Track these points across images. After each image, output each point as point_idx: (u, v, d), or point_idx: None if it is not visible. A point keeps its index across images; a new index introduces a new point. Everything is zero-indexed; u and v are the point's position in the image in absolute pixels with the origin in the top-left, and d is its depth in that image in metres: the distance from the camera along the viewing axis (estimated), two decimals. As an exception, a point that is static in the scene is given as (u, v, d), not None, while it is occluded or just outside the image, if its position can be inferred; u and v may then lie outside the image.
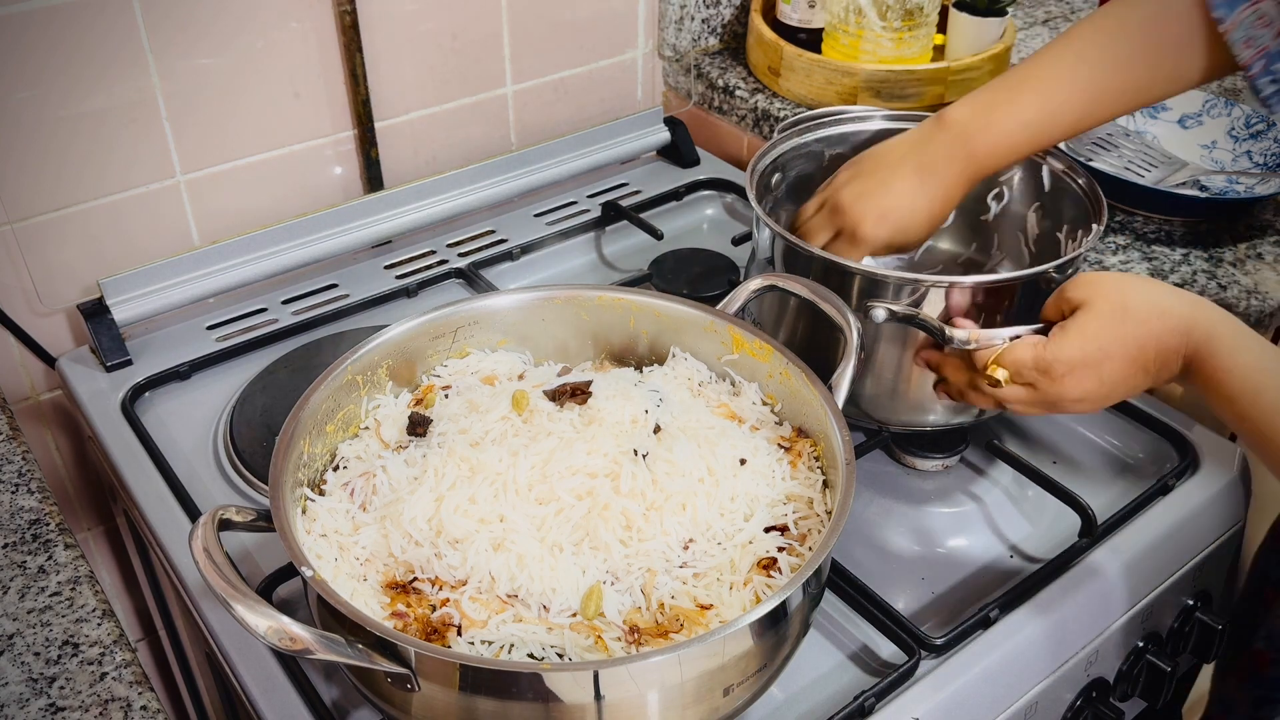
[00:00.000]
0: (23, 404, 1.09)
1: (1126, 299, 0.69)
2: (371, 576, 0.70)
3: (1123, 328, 0.68)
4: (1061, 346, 0.70)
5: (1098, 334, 0.69)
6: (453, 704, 0.63)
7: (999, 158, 0.86)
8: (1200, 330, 0.67)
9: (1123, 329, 0.68)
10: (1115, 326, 0.68)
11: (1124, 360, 0.68)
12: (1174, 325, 0.67)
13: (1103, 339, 0.68)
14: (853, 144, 1.00)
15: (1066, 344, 0.69)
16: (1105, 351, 0.68)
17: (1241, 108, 1.19)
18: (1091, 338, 0.69)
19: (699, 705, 0.65)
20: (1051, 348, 0.70)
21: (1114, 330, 0.68)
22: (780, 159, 0.98)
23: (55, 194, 1.02)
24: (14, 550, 0.80)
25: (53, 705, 0.69)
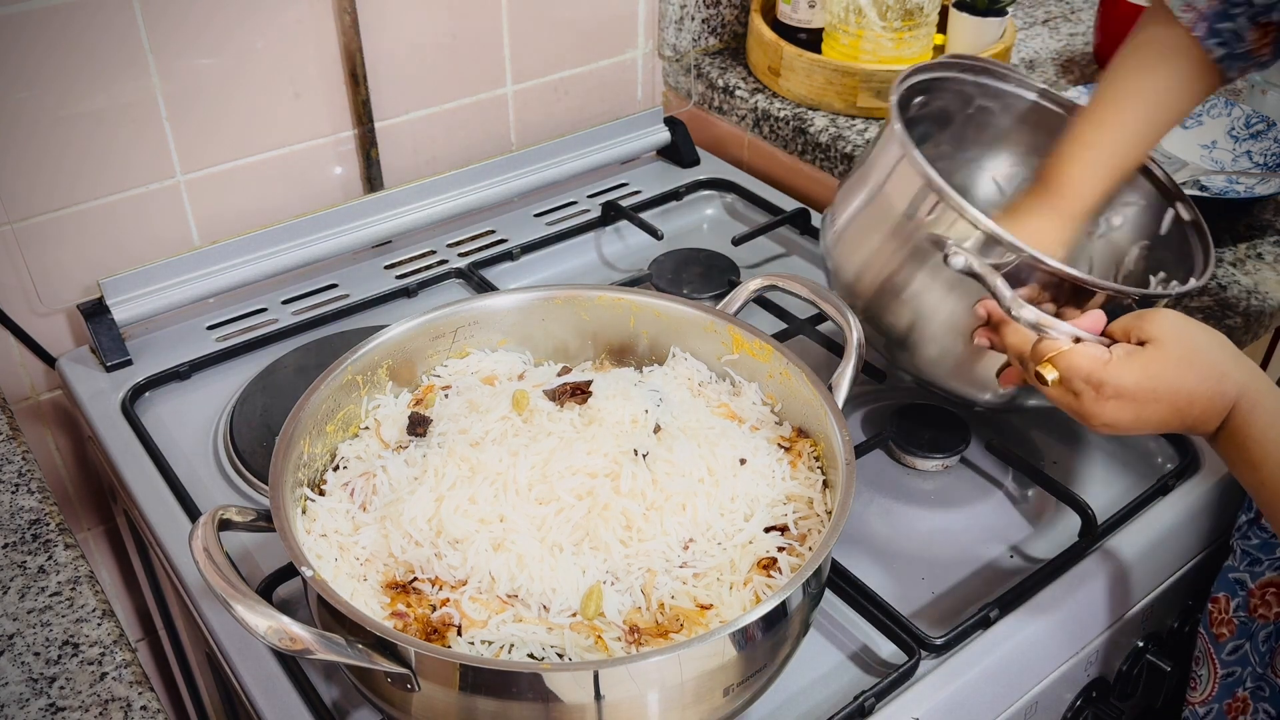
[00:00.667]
0: (23, 404, 1.09)
1: (1196, 350, 0.69)
2: (371, 576, 0.70)
3: (1182, 378, 0.69)
4: (1122, 373, 0.69)
5: (1159, 375, 0.69)
6: (453, 704, 0.63)
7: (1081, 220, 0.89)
8: (1248, 399, 0.68)
9: (1181, 379, 0.69)
10: (1176, 373, 0.69)
11: (1170, 407, 0.69)
12: (1228, 390, 0.68)
13: (1160, 381, 0.69)
14: (1008, 106, 0.98)
15: (1127, 372, 0.69)
16: (1157, 394, 0.69)
17: (1241, 108, 1.19)
18: (1152, 376, 0.69)
19: (699, 705, 0.65)
20: (1111, 370, 0.69)
21: (1173, 377, 0.69)
22: (929, 83, 0.94)
23: (55, 194, 1.02)
24: (14, 550, 0.80)
25: (53, 705, 0.69)
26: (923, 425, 0.93)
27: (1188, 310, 0.98)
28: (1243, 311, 0.99)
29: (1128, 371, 0.69)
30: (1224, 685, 0.84)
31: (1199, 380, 0.68)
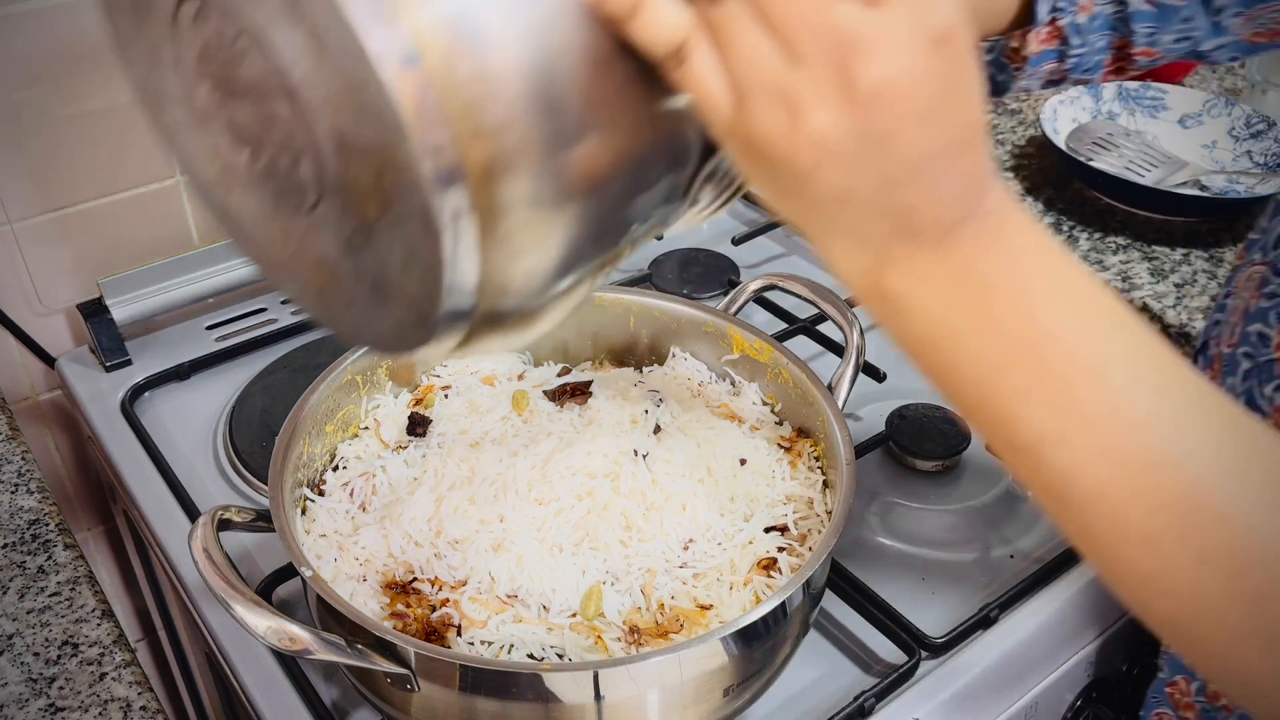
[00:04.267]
0: (22, 404, 1.09)
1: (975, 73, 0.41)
2: (371, 577, 0.70)
3: (974, 99, 0.40)
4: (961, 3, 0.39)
5: (961, 70, 0.39)
6: (452, 704, 0.63)
7: None
8: (1009, 201, 0.43)
9: (974, 99, 0.40)
10: (973, 89, 0.40)
11: (950, 141, 0.39)
12: (985, 169, 0.42)
13: (959, 83, 0.39)
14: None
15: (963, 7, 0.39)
16: (946, 103, 0.38)
17: (1242, 108, 1.19)
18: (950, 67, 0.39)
19: (699, 705, 0.65)
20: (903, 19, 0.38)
21: (971, 90, 0.40)
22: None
23: (55, 194, 1.01)
24: (13, 550, 0.80)
25: (52, 705, 0.69)
26: (923, 425, 0.93)
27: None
28: (1243, 311, 0.99)
29: (961, 10, 0.38)
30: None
31: (981, 116, 0.40)
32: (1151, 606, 0.42)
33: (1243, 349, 0.64)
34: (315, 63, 0.37)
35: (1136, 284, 1.01)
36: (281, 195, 0.43)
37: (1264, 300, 0.62)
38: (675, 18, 0.38)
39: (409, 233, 0.39)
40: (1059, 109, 1.20)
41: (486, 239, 0.39)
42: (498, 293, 0.41)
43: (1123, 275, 1.02)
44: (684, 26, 0.38)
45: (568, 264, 0.43)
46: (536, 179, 0.39)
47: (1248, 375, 0.63)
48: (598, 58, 0.39)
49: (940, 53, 0.37)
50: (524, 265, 0.41)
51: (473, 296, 0.40)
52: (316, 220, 0.43)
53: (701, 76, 0.38)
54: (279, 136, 0.41)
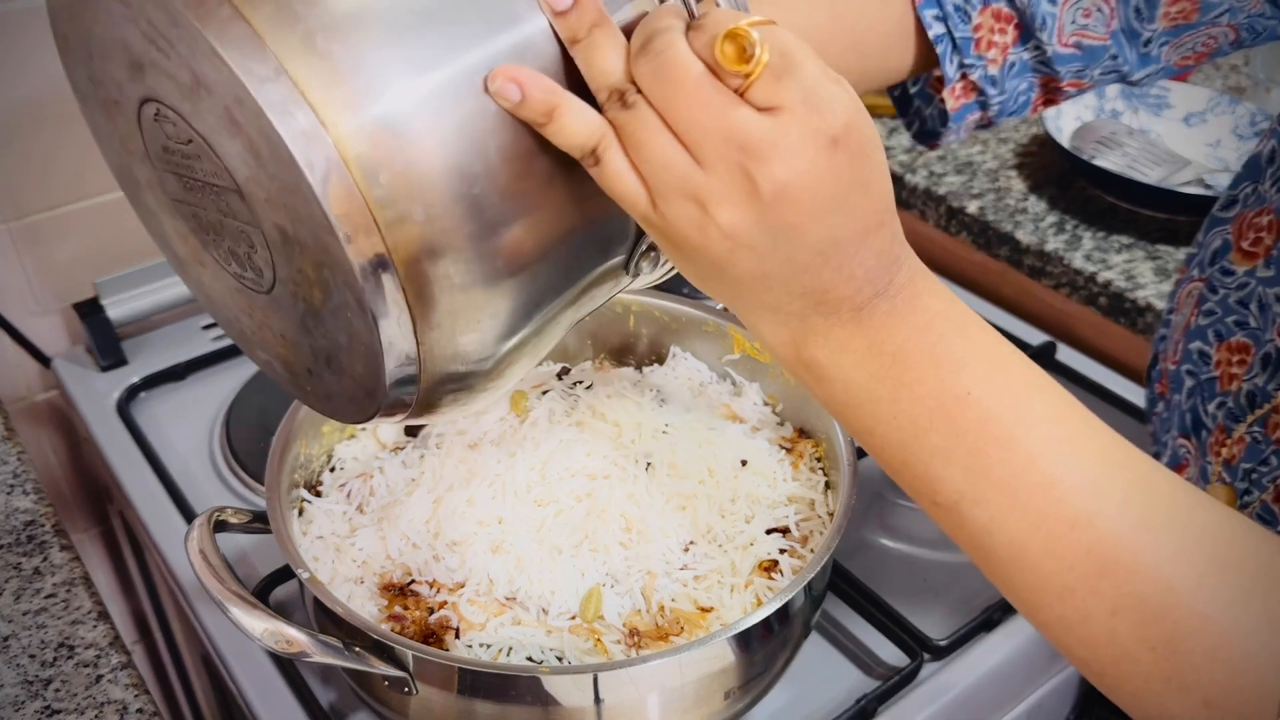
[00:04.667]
0: (18, 404, 1.09)
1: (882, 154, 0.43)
2: (369, 579, 0.69)
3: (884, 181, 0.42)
4: (862, 107, 0.41)
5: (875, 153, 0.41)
6: (451, 707, 0.62)
7: None
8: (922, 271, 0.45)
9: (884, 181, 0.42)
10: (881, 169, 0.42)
11: (858, 222, 0.41)
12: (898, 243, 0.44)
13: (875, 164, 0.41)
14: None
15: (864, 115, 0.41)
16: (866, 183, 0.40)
17: (1246, 106, 1.18)
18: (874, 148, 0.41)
19: (699, 709, 0.65)
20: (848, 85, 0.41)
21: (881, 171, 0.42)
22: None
23: (50, 193, 1.01)
24: (9, 552, 0.80)
25: (48, 708, 0.69)
26: (925, 425, 0.93)
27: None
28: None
29: (860, 105, 0.40)
30: None
31: (888, 201, 0.42)
32: (1073, 652, 0.44)
33: (1185, 366, 0.64)
34: (255, 168, 0.40)
35: (1140, 283, 1.01)
36: (242, 277, 0.46)
37: (1202, 318, 0.63)
38: (587, 123, 0.40)
39: (349, 320, 0.42)
40: (1062, 107, 1.20)
41: (422, 323, 0.42)
42: (448, 363, 0.44)
43: (1126, 274, 1.02)
44: (597, 131, 0.40)
45: (514, 334, 0.45)
46: (466, 266, 0.41)
47: (1191, 393, 0.63)
48: (521, 153, 0.41)
49: (837, 151, 0.39)
50: (470, 339, 0.44)
51: (414, 376, 0.43)
52: (274, 300, 0.46)
53: (615, 175, 0.41)
54: (235, 226, 0.44)
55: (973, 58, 0.65)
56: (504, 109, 0.40)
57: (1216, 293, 0.63)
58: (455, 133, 0.40)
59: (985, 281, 1.16)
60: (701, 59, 0.39)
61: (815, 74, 0.39)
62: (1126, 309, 1.00)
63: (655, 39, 0.39)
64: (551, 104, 0.40)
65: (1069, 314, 1.09)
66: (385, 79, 0.39)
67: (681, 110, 0.39)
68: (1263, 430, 0.58)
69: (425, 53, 0.39)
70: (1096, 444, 0.43)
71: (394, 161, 0.39)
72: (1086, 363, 1.03)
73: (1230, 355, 0.61)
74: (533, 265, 0.43)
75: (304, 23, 0.38)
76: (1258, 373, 0.59)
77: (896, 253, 0.42)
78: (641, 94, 0.40)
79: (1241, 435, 0.59)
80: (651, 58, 0.39)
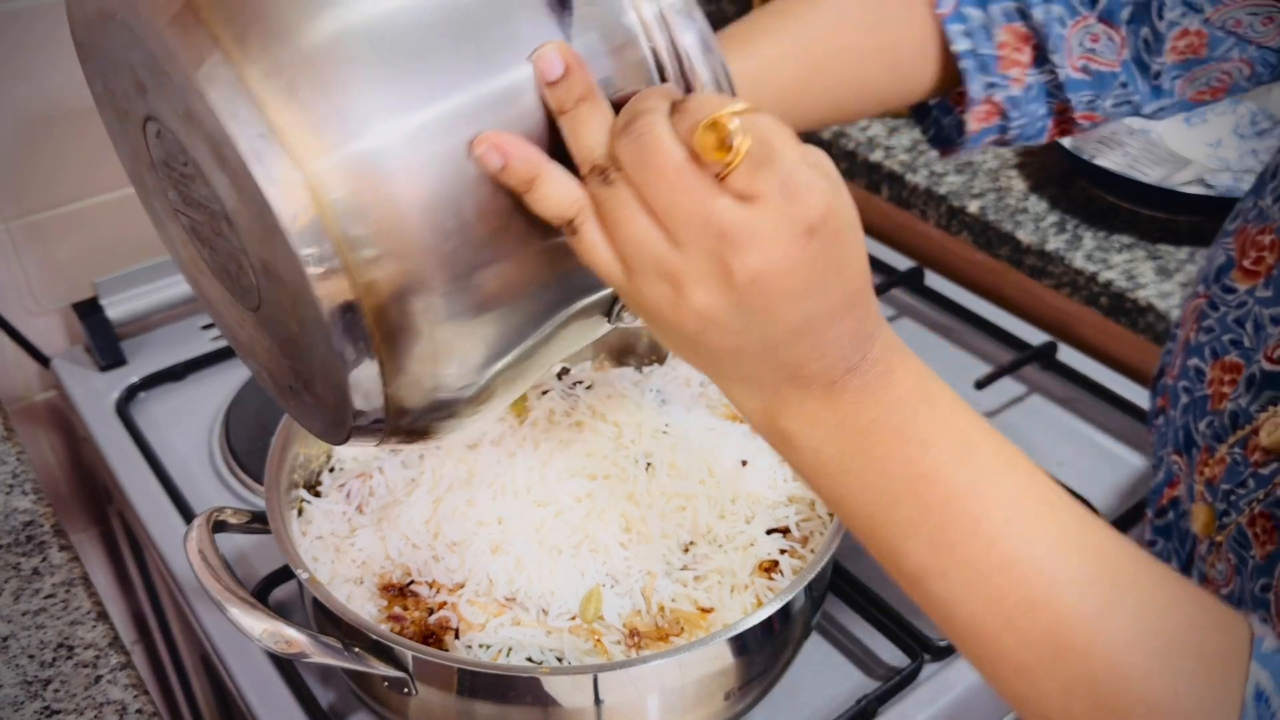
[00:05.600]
0: (18, 404, 1.09)
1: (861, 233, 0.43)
2: (368, 579, 0.69)
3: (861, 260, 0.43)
4: (837, 199, 0.40)
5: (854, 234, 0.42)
6: (451, 708, 0.62)
7: None
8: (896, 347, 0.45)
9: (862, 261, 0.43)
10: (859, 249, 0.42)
11: (836, 303, 0.41)
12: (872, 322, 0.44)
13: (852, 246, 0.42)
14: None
15: (844, 199, 0.41)
16: (844, 264, 0.41)
17: (1247, 106, 1.18)
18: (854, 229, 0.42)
19: (699, 709, 0.65)
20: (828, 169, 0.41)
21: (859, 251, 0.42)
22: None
23: (50, 192, 1.01)
24: (8, 552, 0.80)
25: (47, 708, 0.69)
26: (925, 425, 0.92)
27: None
28: (1248, 310, 0.98)
29: (839, 191, 0.41)
30: None
31: (863, 281, 0.42)
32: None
33: (1182, 382, 0.64)
34: (239, 203, 0.41)
35: (1141, 283, 1.00)
36: (234, 291, 0.47)
37: (1201, 334, 0.63)
38: (567, 194, 0.41)
39: (322, 354, 0.43)
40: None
41: (389, 365, 0.43)
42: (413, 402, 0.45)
43: (1127, 274, 1.01)
44: (576, 203, 0.41)
45: (485, 378, 0.46)
46: (436, 316, 0.42)
47: (1186, 410, 0.63)
48: (498, 211, 0.42)
49: (813, 238, 0.39)
50: (438, 382, 0.45)
51: (380, 410, 0.44)
52: (260, 319, 0.47)
53: (591, 248, 0.42)
54: (226, 247, 0.45)
55: (997, 76, 0.65)
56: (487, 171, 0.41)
57: (1217, 309, 0.62)
58: (432, 186, 0.40)
59: (986, 281, 1.16)
60: (683, 143, 0.39)
61: (794, 162, 0.39)
62: (1127, 309, 1.00)
63: (638, 120, 0.40)
64: (532, 174, 0.41)
65: (1070, 314, 1.09)
66: (366, 128, 0.39)
67: (661, 194, 0.39)
68: (1242, 452, 0.57)
69: (408, 102, 0.40)
70: (1060, 524, 0.43)
71: (369, 211, 0.39)
72: (1087, 362, 1.03)
73: (1223, 374, 0.60)
74: (505, 315, 0.44)
75: (288, 70, 0.38)
76: (1242, 393, 0.58)
77: (870, 329, 0.43)
78: (623, 172, 0.40)
79: (1223, 455, 0.59)
80: (633, 139, 0.40)
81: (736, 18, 1.14)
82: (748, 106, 0.39)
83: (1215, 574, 0.59)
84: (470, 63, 0.41)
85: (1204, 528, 0.60)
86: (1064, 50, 0.64)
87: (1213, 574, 0.60)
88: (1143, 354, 1.04)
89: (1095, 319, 1.05)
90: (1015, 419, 0.98)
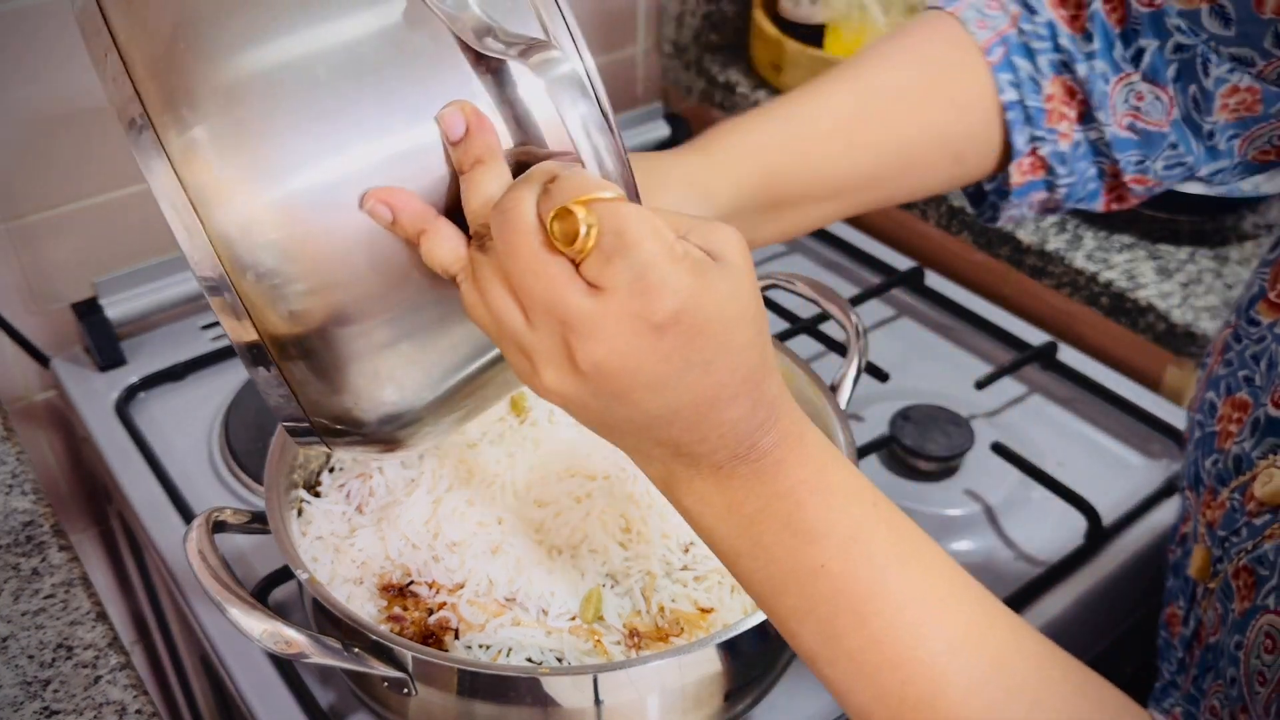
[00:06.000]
0: (17, 404, 1.09)
1: (761, 311, 0.42)
2: (368, 579, 0.69)
3: (756, 341, 0.41)
4: (701, 285, 0.39)
5: (740, 316, 0.40)
6: (450, 708, 0.62)
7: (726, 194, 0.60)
8: (797, 428, 0.44)
9: (756, 342, 0.41)
10: (754, 329, 0.41)
11: (717, 386, 0.40)
12: (772, 402, 0.43)
13: (739, 329, 0.40)
14: None
15: (708, 287, 0.39)
16: (727, 346, 0.40)
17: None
18: (734, 314, 0.40)
19: (699, 710, 0.64)
20: (685, 272, 0.39)
21: (752, 332, 0.41)
22: None
23: (49, 192, 1.01)
24: (7, 552, 0.80)
25: (47, 709, 0.69)
26: (927, 426, 0.92)
27: (1189, 307, 0.97)
28: (1249, 310, 0.98)
29: (710, 287, 0.39)
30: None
31: (760, 360, 0.41)
32: None
33: (1197, 416, 0.62)
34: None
35: (1142, 283, 1.00)
36: None
37: (1221, 367, 0.61)
38: (451, 252, 0.42)
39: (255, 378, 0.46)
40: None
41: (301, 396, 0.45)
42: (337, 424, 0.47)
43: (1128, 274, 1.01)
44: (458, 262, 0.42)
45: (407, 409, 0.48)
46: (334, 355, 0.44)
47: (1197, 445, 0.62)
48: (396, 260, 0.43)
49: (663, 336, 0.39)
50: (354, 409, 0.47)
51: (309, 430, 0.47)
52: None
53: (470, 305, 0.43)
54: None
55: (1044, 130, 0.64)
56: (379, 222, 0.43)
57: (1240, 342, 0.59)
58: (330, 236, 0.42)
59: (986, 281, 1.16)
60: (544, 225, 0.39)
61: (652, 256, 0.38)
62: (1128, 309, 1.00)
63: (509, 195, 0.40)
64: (419, 229, 0.42)
65: (1070, 314, 1.09)
66: (270, 176, 0.41)
67: (514, 272, 0.40)
68: (1241, 499, 0.55)
69: (318, 159, 0.41)
70: (954, 622, 0.43)
71: (265, 256, 0.41)
72: (1088, 362, 1.03)
73: (1232, 411, 0.58)
74: (412, 355, 0.46)
75: (199, 119, 0.40)
76: (1246, 436, 0.56)
77: (761, 419, 0.42)
78: (494, 242, 0.41)
79: (1224, 499, 0.57)
80: (499, 214, 0.40)
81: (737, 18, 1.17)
82: (615, 195, 0.39)
83: (1207, 620, 0.58)
84: (382, 121, 0.42)
85: (1198, 571, 0.59)
86: (1108, 107, 0.62)
87: (1206, 619, 0.58)
88: (1143, 354, 1.03)
89: (1096, 319, 1.05)
90: (1015, 419, 0.98)
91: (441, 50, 0.42)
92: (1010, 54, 0.63)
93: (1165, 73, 0.61)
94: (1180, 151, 0.63)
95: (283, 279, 0.42)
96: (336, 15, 0.42)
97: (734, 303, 0.40)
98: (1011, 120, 0.63)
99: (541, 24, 0.44)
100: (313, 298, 0.42)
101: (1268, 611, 0.50)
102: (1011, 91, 0.63)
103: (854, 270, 1.18)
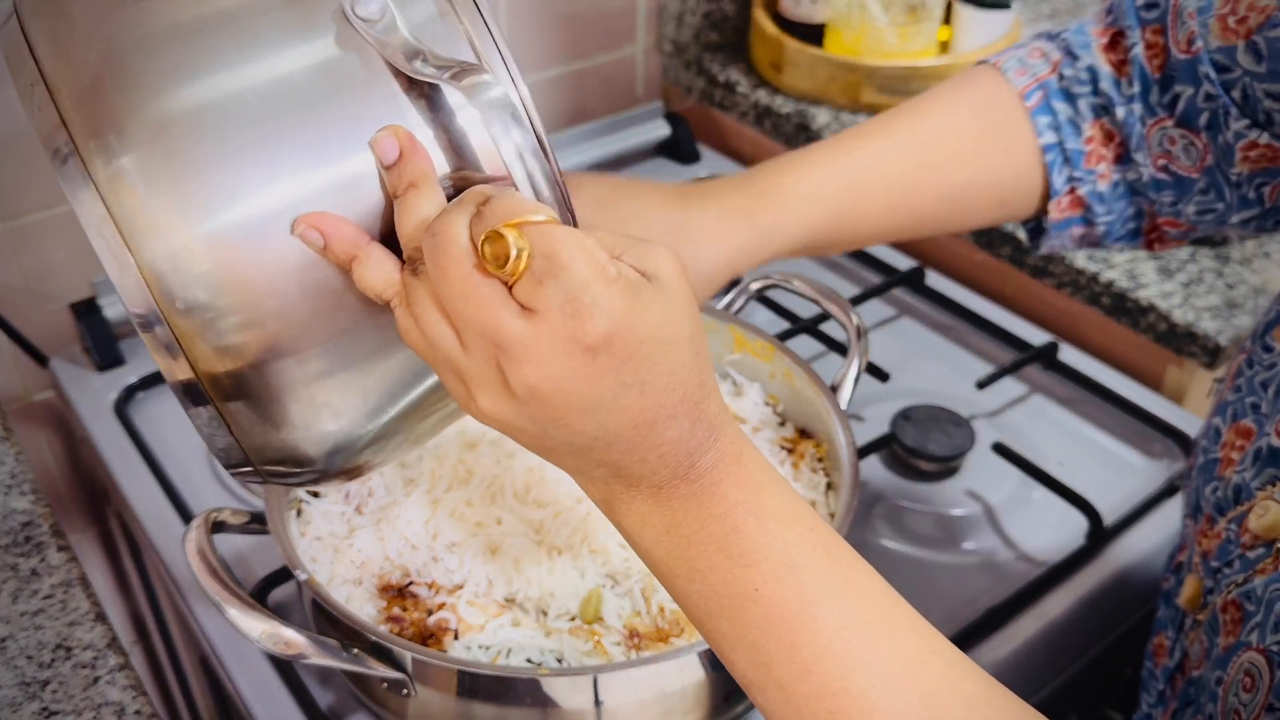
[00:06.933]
0: (16, 404, 1.08)
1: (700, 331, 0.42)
2: (367, 580, 0.69)
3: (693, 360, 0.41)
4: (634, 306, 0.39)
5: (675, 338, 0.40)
6: (450, 709, 0.62)
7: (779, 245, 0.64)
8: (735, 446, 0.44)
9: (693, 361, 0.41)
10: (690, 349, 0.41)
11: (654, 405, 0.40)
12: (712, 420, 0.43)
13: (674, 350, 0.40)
14: None
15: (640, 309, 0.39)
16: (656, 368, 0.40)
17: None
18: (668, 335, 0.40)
19: (699, 710, 0.64)
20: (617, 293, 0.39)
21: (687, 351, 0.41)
22: None
23: (49, 192, 1.01)
24: (6, 552, 0.79)
25: (45, 709, 0.69)
26: (927, 426, 0.92)
27: (1192, 309, 0.97)
28: (1249, 311, 0.98)
29: (643, 308, 0.39)
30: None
31: (697, 380, 0.41)
32: None
33: (1203, 441, 0.62)
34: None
35: (1143, 283, 1.00)
36: None
37: (1231, 393, 0.60)
38: (383, 277, 0.42)
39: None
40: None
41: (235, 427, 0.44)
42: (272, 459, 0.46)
43: (1129, 274, 1.01)
44: (391, 287, 0.42)
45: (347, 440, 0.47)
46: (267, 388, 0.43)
47: (1200, 471, 0.61)
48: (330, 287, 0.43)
49: (596, 358, 0.38)
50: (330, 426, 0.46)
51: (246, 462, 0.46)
52: None
53: (404, 331, 0.42)
54: None
55: (1083, 171, 0.65)
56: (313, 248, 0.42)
57: (1251, 368, 0.59)
58: (263, 266, 0.41)
59: (987, 281, 1.16)
60: (475, 248, 0.39)
61: (583, 279, 0.38)
62: (1129, 309, 1.00)
63: (441, 218, 0.40)
64: (351, 254, 0.42)
65: (1071, 314, 1.09)
66: (200, 206, 0.40)
67: (445, 296, 0.39)
68: (1237, 530, 0.55)
69: (250, 187, 0.41)
70: (887, 655, 0.42)
71: (196, 288, 0.41)
72: (1089, 363, 1.03)
73: (1236, 438, 0.58)
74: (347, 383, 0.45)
75: (126, 149, 0.40)
76: (1248, 465, 0.56)
77: (700, 438, 0.42)
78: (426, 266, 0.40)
79: (1221, 529, 0.56)
80: (430, 237, 0.40)
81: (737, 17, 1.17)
82: (547, 218, 0.39)
83: (1192, 653, 0.57)
84: (315, 148, 0.42)
85: (1188, 601, 0.58)
86: (1145, 149, 0.63)
87: (1191, 652, 0.58)
88: (1144, 354, 1.03)
89: (1097, 319, 1.05)
90: (1016, 419, 0.98)
91: (373, 76, 0.42)
92: (1049, 98, 0.65)
93: (1198, 120, 0.62)
94: (1210, 198, 0.64)
95: (215, 312, 0.41)
96: (267, 44, 0.42)
97: (668, 324, 0.40)
98: (1050, 162, 0.65)
99: (473, 48, 0.43)
100: (247, 330, 0.42)
101: (1250, 648, 0.49)
102: (1050, 134, 0.65)
103: (855, 270, 1.17)
